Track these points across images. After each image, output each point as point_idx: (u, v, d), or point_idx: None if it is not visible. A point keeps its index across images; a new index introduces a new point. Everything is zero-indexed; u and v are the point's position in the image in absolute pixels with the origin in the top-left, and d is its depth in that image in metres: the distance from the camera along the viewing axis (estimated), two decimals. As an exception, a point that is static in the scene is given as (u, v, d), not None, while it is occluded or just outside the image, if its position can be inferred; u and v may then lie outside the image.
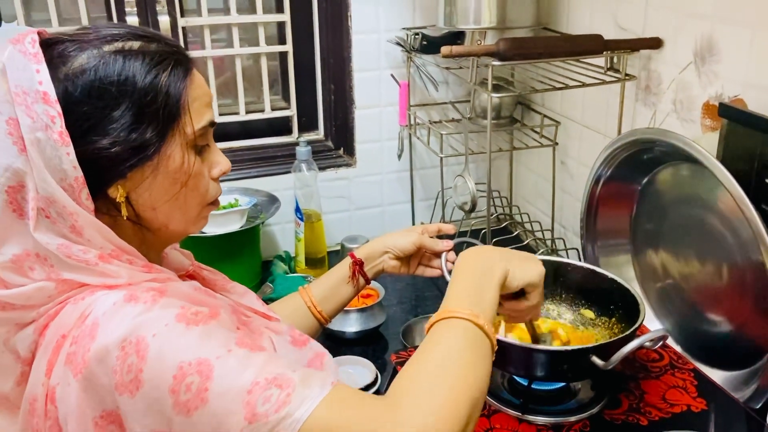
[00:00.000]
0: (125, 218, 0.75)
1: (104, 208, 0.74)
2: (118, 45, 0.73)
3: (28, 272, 0.71)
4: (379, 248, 1.10)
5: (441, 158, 1.58)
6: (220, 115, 1.72)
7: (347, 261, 1.10)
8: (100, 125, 0.70)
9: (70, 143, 0.69)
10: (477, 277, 0.82)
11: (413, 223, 1.85)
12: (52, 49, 0.71)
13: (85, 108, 0.70)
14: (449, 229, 1.13)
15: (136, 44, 0.73)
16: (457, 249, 1.04)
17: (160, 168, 0.74)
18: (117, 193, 0.73)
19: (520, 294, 0.89)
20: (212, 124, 0.79)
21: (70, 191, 0.70)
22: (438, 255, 1.09)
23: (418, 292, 1.61)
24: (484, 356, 0.74)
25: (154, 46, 0.74)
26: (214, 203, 0.84)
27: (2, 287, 0.71)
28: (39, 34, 0.72)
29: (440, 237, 1.12)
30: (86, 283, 0.71)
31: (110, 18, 1.56)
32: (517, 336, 1.10)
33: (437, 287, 1.60)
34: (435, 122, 1.72)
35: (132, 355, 0.65)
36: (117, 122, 0.70)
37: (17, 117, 0.67)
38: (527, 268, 0.86)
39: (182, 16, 1.61)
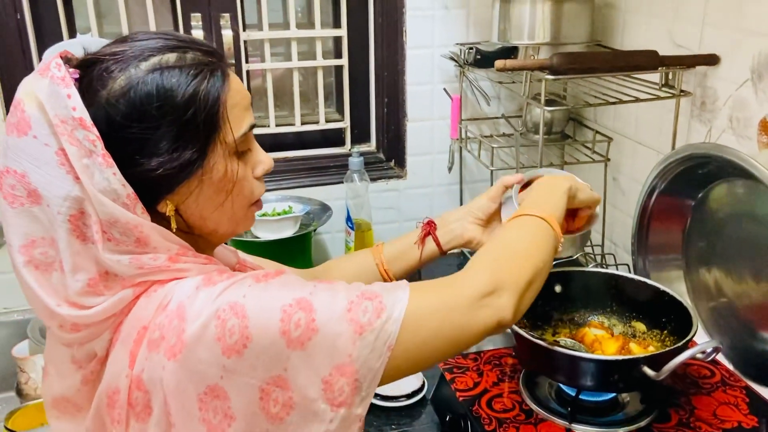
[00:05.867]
0: (176, 230, 0.76)
1: (155, 220, 0.74)
2: (155, 60, 0.72)
3: (104, 290, 0.72)
4: (458, 211, 1.07)
5: (491, 171, 1.60)
6: (276, 125, 1.77)
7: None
8: (144, 147, 0.71)
9: (114, 164, 0.69)
10: (544, 190, 0.97)
11: (462, 236, 1.87)
12: (92, 69, 0.72)
13: (128, 132, 0.70)
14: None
15: (172, 57, 0.73)
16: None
17: (204, 180, 0.75)
18: (166, 208, 0.75)
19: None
20: (252, 127, 0.80)
21: (126, 208, 0.71)
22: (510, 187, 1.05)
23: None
24: (545, 235, 0.88)
25: (190, 56, 0.74)
26: (258, 203, 0.85)
27: (79, 309, 0.72)
28: (64, 56, 0.73)
29: None
30: (159, 280, 0.74)
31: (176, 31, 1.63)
32: (601, 351, 1.09)
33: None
34: (486, 136, 1.74)
35: (231, 318, 0.69)
36: (160, 142, 0.71)
37: (63, 147, 0.68)
38: (590, 191, 1.02)
39: (244, 30, 1.67)
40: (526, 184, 1.05)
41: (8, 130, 0.71)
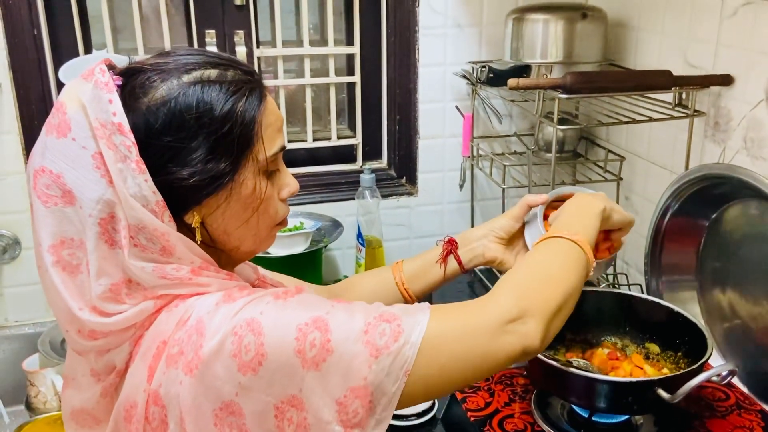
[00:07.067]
0: (200, 242, 0.77)
1: (181, 231, 0.75)
2: (196, 74, 0.74)
3: (125, 298, 0.73)
4: (479, 230, 1.05)
5: (503, 189, 1.60)
6: (289, 141, 1.78)
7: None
8: (179, 156, 0.72)
9: (146, 171, 0.71)
10: (577, 210, 0.94)
11: (472, 254, 1.86)
12: (135, 78, 0.74)
13: (166, 139, 0.72)
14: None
15: (213, 73, 0.75)
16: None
17: (233, 194, 0.76)
18: (193, 219, 0.76)
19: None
20: (283, 148, 0.81)
21: (154, 215, 0.72)
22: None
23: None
24: (577, 259, 0.85)
25: (231, 74, 0.76)
26: (282, 222, 0.86)
27: (99, 316, 0.72)
28: (108, 63, 0.75)
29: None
30: (180, 294, 0.74)
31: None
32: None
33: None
34: (497, 154, 1.74)
35: (247, 335, 0.69)
36: (195, 153, 0.72)
37: (101, 150, 0.70)
38: (624, 211, 1.00)
39: (258, 47, 1.69)
40: (550, 205, 1.04)
41: (48, 130, 0.73)
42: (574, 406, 1.05)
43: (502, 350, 0.74)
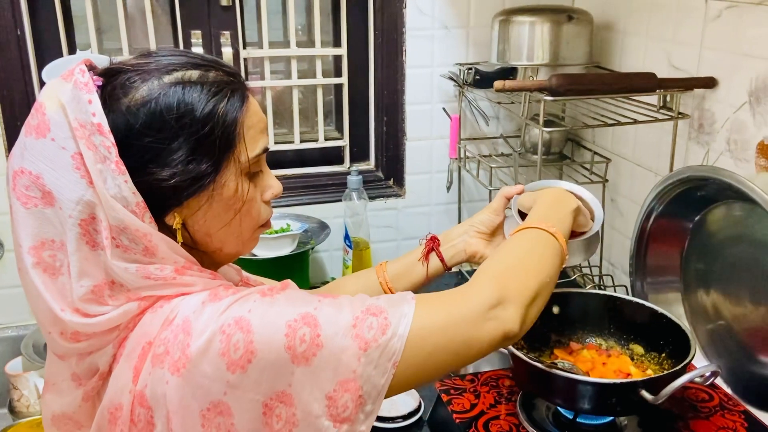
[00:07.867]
0: (181, 244, 0.76)
1: (162, 232, 0.74)
2: (178, 75, 0.74)
3: (108, 300, 0.72)
4: (461, 227, 1.06)
5: (490, 191, 1.60)
6: (276, 143, 1.77)
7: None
8: (159, 157, 0.72)
9: (126, 172, 0.70)
10: (554, 204, 0.96)
11: (459, 256, 1.86)
12: (115, 78, 0.73)
13: (146, 140, 0.71)
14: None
15: (195, 74, 0.75)
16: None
17: (215, 196, 0.75)
18: (174, 220, 0.75)
19: None
20: (266, 150, 0.80)
21: (135, 216, 0.71)
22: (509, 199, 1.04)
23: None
24: (553, 250, 0.88)
25: (212, 75, 0.75)
26: (266, 225, 0.85)
27: (82, 317, 0.72)
28: (88, 63, 0.74)
29: None
30: (165, 295, 0.74)
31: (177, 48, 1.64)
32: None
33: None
34: (484, 156, 1.75)
35: (236, 333, 0.69)
36: (175, 153, 0.72)
37: (81, 151, 0.69)
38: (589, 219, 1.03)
39: (244, 48, 1.68)
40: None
41: (27, 131, 0.72)
42: (559, 408, 1.06)
43: (484, 336, 0.76)
